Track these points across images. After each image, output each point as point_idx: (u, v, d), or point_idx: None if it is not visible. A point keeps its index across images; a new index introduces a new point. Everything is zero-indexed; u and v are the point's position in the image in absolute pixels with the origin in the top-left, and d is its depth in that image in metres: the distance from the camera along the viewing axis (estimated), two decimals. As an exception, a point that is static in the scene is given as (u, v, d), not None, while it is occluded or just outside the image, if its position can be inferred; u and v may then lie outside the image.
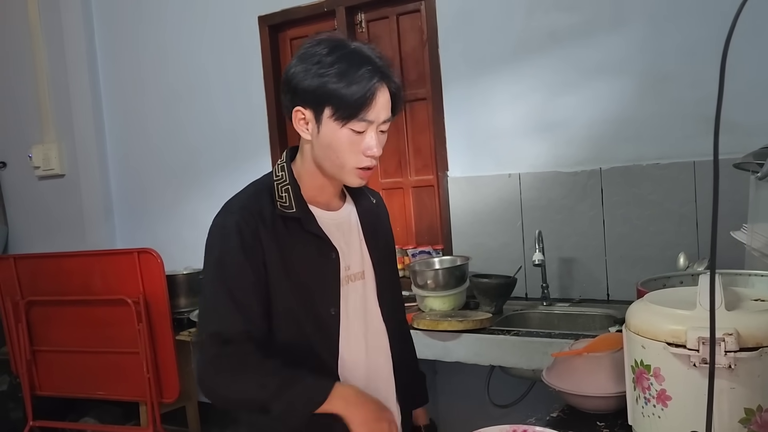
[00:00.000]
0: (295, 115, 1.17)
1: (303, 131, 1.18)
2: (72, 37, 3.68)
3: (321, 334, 1.22)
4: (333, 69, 1.13)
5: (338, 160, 1.17)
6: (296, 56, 1.18)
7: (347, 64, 1.13)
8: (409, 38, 2.90)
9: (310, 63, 1.14)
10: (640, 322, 1.01)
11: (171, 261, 3.16)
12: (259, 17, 3.17)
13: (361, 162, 1.17)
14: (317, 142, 1.18)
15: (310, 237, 1.22)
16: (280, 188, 1.21)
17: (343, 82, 1.12)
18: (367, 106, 1.13)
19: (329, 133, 1.15)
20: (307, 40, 1.19)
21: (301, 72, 1.15)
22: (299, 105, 1.16)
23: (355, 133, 1.15)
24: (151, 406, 2.95)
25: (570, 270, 2.49)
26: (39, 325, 3.20)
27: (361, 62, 1.14)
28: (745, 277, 1.43)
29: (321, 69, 1.13)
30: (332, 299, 1.23)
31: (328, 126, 1.15)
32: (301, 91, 1.15)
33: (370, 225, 1.34)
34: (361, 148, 1.16)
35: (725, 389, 0.90)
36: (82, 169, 3.73)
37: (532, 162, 2.54)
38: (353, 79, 1.12)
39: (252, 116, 3.24)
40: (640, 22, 2.30)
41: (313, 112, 1.16)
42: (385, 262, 1.37)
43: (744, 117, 2.04)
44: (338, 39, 1.19)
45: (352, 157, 1.17)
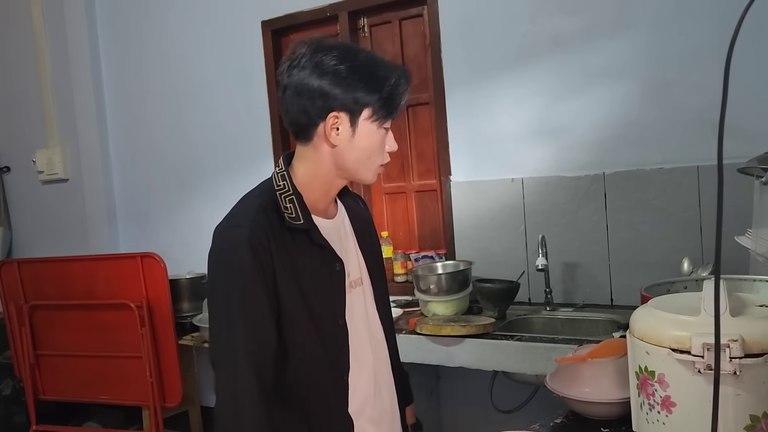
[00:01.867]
0: (330, 121, 1.16)
1: (333, 137, 1.17)
2: (75, 41, 3.69)
3: (331, 346, 1.22)
4: (371, 76, 1.16)
5: (369, 160, 1.21)
6: (308, 66, 1.15)
7: (382, 69, 1.18)
8: (412, 43, 2.90)
9: (337, 70, 1.14)
10: (644, 327, 1.01)
11: (174, 265, 3.17)
12: (262, 22, 3.18)
13: (385, 159, 1.24)
14: (348, 145, 1.18)
15: (315, 248, 1.21)
16: (285, 199, 1.19)
17: (384, 87, 1.17)
18: (401, 102, 1.20)
19: (366, 134, 1.18)
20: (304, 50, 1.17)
21: (332, 80, 1.14)
22: (336, 110, 1.16)
23: (385, 130, 1.21)
24: (153, 410, 2.95)
25: (573, 275, 2.48)
26: (42, 329, 3.20)
27: (391, 67, 1.20)
28: (749, 283, 1.42)
29: (356, 75, 1.15)
30: (339, 310, 1.23)
31: (365, 127, 1.18)
32: (339, 97, 1.15)
33: (361, 229, 1.34)
34: (386, 146, 1.23)
35: (730, 396, 0.90)
36: (85, 174, 3.74)
37: (535, 166, 2.53)
38: (392, 83, 1.17)
39: (255, 120, 3.24)
40: (643, 27, 2.30)
41: (350, 116, 1.17)
42: (377, 266, 1.38)
43: (748, 122, 2.03)
44: (342, 44, 1.23)
45: (380, 156, 1.22)
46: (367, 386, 1.26)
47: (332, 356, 1.21)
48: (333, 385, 1.21)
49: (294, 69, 1.16)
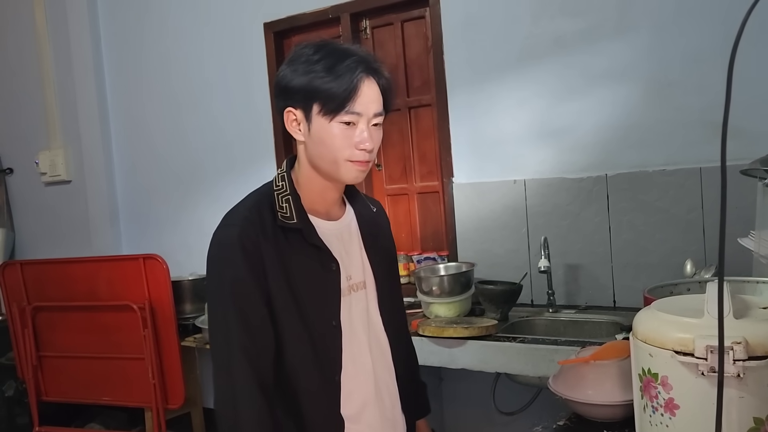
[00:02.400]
0: (287, 117, 1.18)
1: (296, 132, 1.19)
2: (79, 44, 3.70)
3: (322, 345, 1.21)
4: (318, 65, 1.13)
5: (331, 155, 1.16)
6: (285, 60, 1.20)
7: (332, 58, 1.14)
8: (414, 45, 2.90)
9: (297, 63, 1.16)
10: (647, 330, 1.00)
11: (176, 267, 3.17)
12: (264, 24, 3.18)
13: (354, 155, 1.16)
14: (310, 141, 1.18)
15: (310, 248, 1.20)
16: (281, 198, 1.21)
17: (329, 76, 1.12)
18: (354, 96, 1.13)
19: (320, 130, 1.15)
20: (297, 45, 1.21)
21: (289, 73, 1.16)
22: (290, 105, 1.17)
23: (346, 125, 1.14)
24: (156, 412, 2.95)
25: (576, 276, 2.48)
26: (45, 330, 3.20)
27: (345, 55, 1.14)
28: (752, 285, 1.42)
29: (307, 66, 1.14)
30: (333, 311, 1.22)
31: (318, 122, 1.15)
32: (290, 90, 1.16)
33: (370, 234, 1.32)
34: (354, 141, 1.15)
35: (734, 398, 0.89)
36: (88, 175, 3.75)
37: (538, 168, 2.53)
38: (338, 71, 1.12)
39: (257, 122, 3.25)
40: (645, 29, 2.30)
41: (303, 111, 1.16)
42: (386, 271, 1.36)
43: (751, 123, 2.03)
44: (325, 40, 1.21)
45: (344, 151, 1.15)
46: (365, 391, 1.25)
47: (323, 357, 1.20)
48: (324, 386, 1.20)
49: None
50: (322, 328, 1.21)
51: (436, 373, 2.65)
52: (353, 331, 1.25)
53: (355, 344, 1.25)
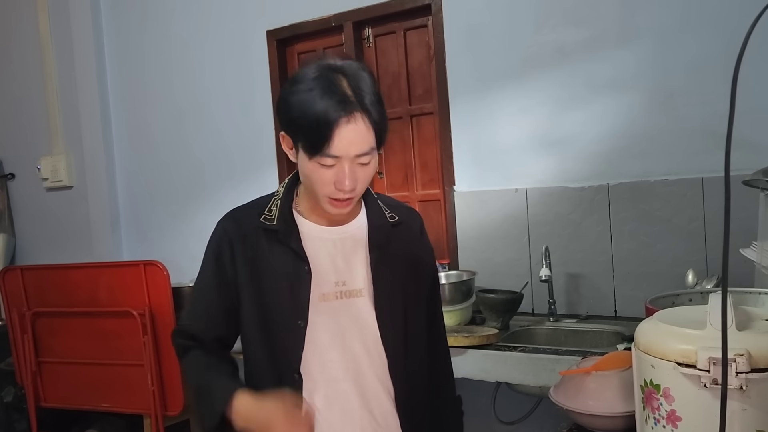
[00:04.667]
0: (282, 138, 1.21)
1: (289, 154, 1.21)
2: (81, 49, 3.71)
3: (283, 341, 1.24)
4: (305, 100, 1.11)
5: (312, 188, 1.19)
6: (290, 78, 1.21)
7: (317, 94, 1.10)
8: (417, 53, 2.91)
9: (294, 89, 1.15)
10: (649, 341, 1.00)
11: (177, 273, 3.16)
12: (267, 31, 3.19)
13: (334, 194, 1.16)
14: (299, 167, 1.20)
15: (286, 250, 1.24)
16: (273, 201, 1.29)
17: (308, 117, 1.10)
18: (329, 142, 1.10)
19: (303, 163, 1.16)
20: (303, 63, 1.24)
21: (286, 97, 1.16)
22: (283, 130, 1.20)
23: (324, 166, 1.13)
24: (155, 418, 2.93)
25: (577, 286, 2.47)
26: (44, 336, 3.20)
27: (329, 93, 1.10)
28: (755, 296, 1.41)
29: (298, 97, 1.13)
30: (301, 312, 1.23)
31: (302, 156, 1.16)
32: (281, 117, 1.19)
33: (378, 244, 1.28)
34: (332, 180, 1.14)
35: (736, 410, 0.89)
36: (89, 181, 3.75)
37: (539, 177, 2.53)
38: (317, 113, 1.09)
39: (259, 130, 3.25)
40: (648, 38, 2.30)
41: (292, 140, 1.18)
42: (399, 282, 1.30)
43: (753, 134, 2.03)
44: (325, 64, 1.14)
45: (324, 188, 1.16)
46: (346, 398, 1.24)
47: (280, 353, 1.24)
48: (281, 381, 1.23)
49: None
50: (286, 326, 1.23)
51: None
52: (336, 335, 1.24)
53: (337, 348, 1.24)
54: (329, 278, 1.25)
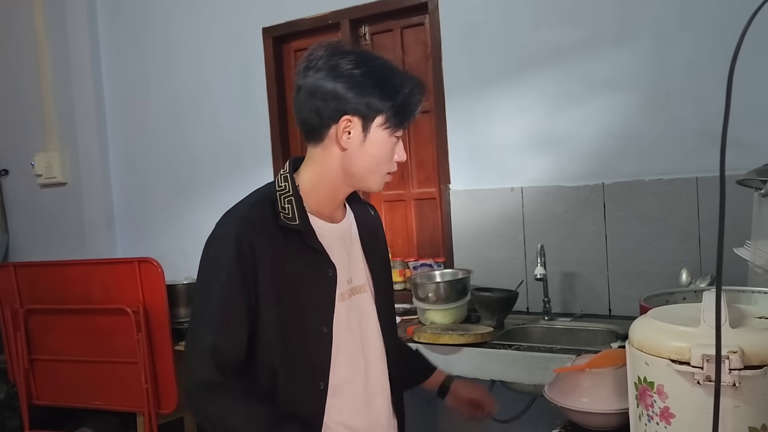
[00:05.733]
0: (343, 123, 1.17)
1: (344, 141, 1.18)
2: (77, 45, 3.70)
3: (308, 352, 1.20)
4: (386, 83, 1.17)
5: (377, 167, 1.22)
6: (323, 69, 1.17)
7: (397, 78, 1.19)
8: (413, 51, 2.91)
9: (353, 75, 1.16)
10: (643, 338, 1.00)
11: (172, 271, 3.15)
12: (263, 29, 3.18)
13: (393, 168, 1.24)
14: (358, 150, 1.19)
15: (309, 251, 1.20)
16: (283, 199, 1.20)
17: (398, 96, 1.17)
18: (414, 113, 1.21)
19: (377, 141, 1.19)
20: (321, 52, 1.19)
21: (346, 84, 1.16)
22: (349, 114, 1.17)
23: (396, 139, 1.22)
24: (148, 416, 2.93)
25: (572, 284, 2.48)
26: (37, 333, 3.18)
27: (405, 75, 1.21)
28: (748, 294, 1.42)
29: (371, 81, 1.16)
30: (326, 317, 1.21)
31: (377, 134, 1.19)
32: (353, 101, 1.16)
33: (368, 238, 1.33)
34: (394, 155, 1.23)
35: (729, 408, 0.89)
36: (84, 178, 3.74)
37: (535, 176, 2.53)
38: (406, 93, 1.18)
39: (255, 127, 3.25)
40: (644, 38, 2.31)
41: (362, 121, 1.18)
42: (383, 276, 1.36)
43: (748, 134, 2.04)
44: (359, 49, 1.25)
45: (388, 164, 1.23)
46: (354, 395, 1.25)
47: (307, 362, 1.20)
48: (306, 391, 1.20)
49: (310, 71, 1.18)
50: (311, 334, 1.20)
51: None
52: (350, 334, 1.25)
53: (345, 349, 1.24)
54: (344, 276, 1.25)
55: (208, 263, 1.19)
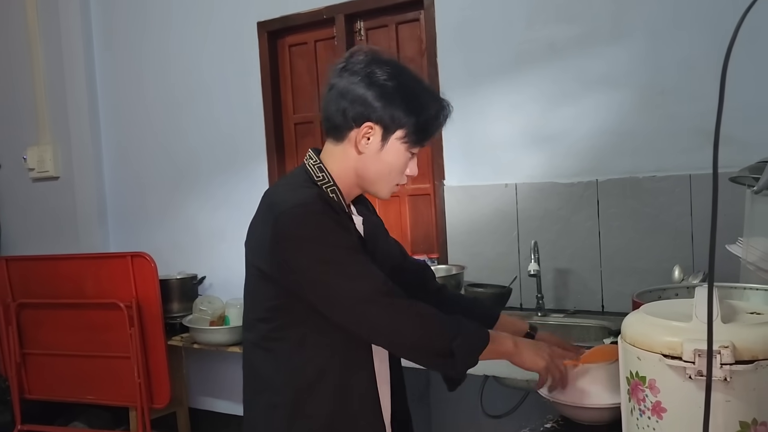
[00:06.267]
0: (363, 129, 1.21)
1: (362, 145, 1.23)
2: (69, 39, 3.68)
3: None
4: (413, 100, 1.21)
5: (388, 176, 1.26)
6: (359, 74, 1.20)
7: (426, 97, 1.23)
8: (408, 47, 2.91)
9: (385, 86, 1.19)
10: (636, 333, 1.01)
11: (165, 266, 3.15)
12: (258, 23, 3.17)
13: (403, 180, 1.29)
14: (374, 157, 1.23)
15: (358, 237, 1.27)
16: (327, 189, 1.25)
17: (423, 115, 1.22)
18: (433, 135, 1.27)
19: (393, 152, 1.23)
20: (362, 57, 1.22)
21: (377, 93, 1.20)
22: (372, 121, 1.21)
23: (411, 155, 1.26)
24: (141, 411, 2.93)
25: (565, 281, 2.49)
26: (30, 327, 3.17)
27: (434, 98, 1.26)
28: (740, 291, 1.43)
29: (399, 95, 1.20)
30: None
31: (394, 145, 1.23)
32: (379, 111, 1.20)
33: (371, 233, 1.36)
34: (407, 169, 1.27)
35: (720, 402, 0.90)
36: (77, 172, 3.72)
37: (529, 172, 2.54)
38: (431, 113, 1.23)
39: (249, 122, 3.23)
40: (639, 36, 2.31)
41: (383, 131, 1.22)
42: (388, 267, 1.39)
43: (741, 131, 2.05)
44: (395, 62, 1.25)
45: (400, 176, 1.27)
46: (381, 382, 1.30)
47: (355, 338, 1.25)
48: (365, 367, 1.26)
49: (345, 72, 1.22)
50: None
51: (424, 375, 2.65)
52: None
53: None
54: None
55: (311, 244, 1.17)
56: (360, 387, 1.25)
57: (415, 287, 1.49)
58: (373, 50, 1.26)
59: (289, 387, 1.23)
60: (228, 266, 3.21)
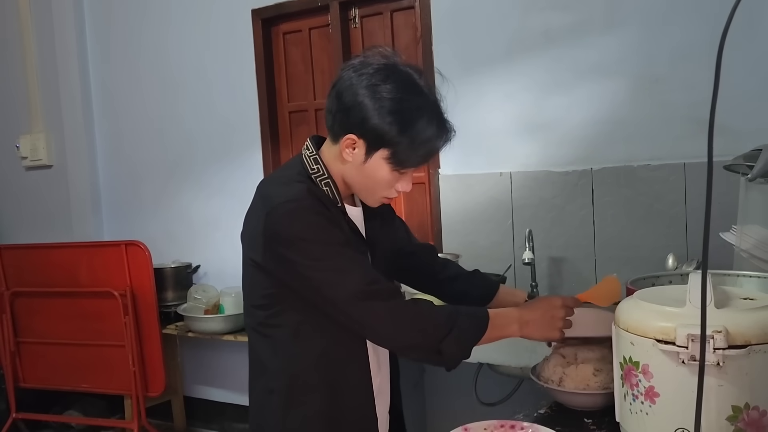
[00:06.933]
0: (346, 141, 1.18)
1: (346, 154, 1.19)
2: (62, 26, 3.64)
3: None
4: (408, 121, 1.14)
5: (372, 190, 1.23)
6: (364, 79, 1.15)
7: (424, 120, 1.16)
8: (403, 35, 2.89)
9: (382, 101, 1.14)
10: (629, 318, 1.01)
11: (159, 254, 3.14)
12: (252, 10, 3.15)
13: (391, 194, 1.24)
14: (357, 168, 1.20)
15: (355, 231, 1.26)
16: (321, 182, 1.22)
17: (415, 138, 1.16)
18: (422, 162, 1.21)
19: (375, 168, 1.18)
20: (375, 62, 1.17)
21: (371, 108, 1.14)
22: (355, 134, 1.17)
23: (401, 174, 1.21)
24: (136, 399, 2.93)
25: (559, 269, 2.49)
26: (24, 316, 3.16)
27: (435, 121, 1.18)
28: (733, 278, 1.44)
29: (394, 114, 1.14)
30: None
31: (378, 163, 1.18)
32: (365, 124, 1.15)
33: (375, 224, 1.35)
34: (395, 185, 1.22)
35: (713, 387, 0.90)
36: (70, 160, 3.69)
37: (524, 161, 2.54)
38: (425, 137, 1.17)
39: (244, 110, 3.22)
40: (633, 24, 2.31)
41: (367, 146, 1.17)
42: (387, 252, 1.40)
43: (735, 120, 2.05)
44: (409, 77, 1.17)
45: (385, 190, 1.22)
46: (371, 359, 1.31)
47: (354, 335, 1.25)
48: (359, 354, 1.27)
49: (353, 73, 1.17)
50: None
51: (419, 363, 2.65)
52: None
53: None
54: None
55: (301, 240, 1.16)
56: (354, 377, 1.25)
57: (421, 267, 1.51)
58: (392, 59, 1.19)
59: (285, 373, 1.23)
60: (222, 255, 3.20)
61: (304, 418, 1.23)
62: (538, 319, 1.23)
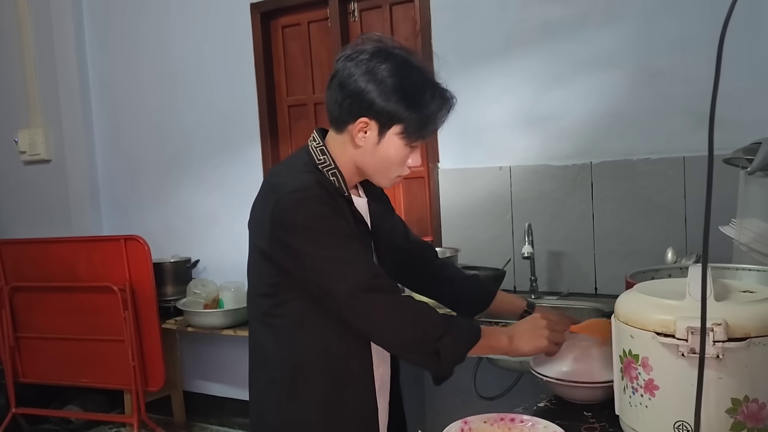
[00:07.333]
0: (359, 125, 1.21)
1: (359, 139, 1.22)
2: (60, 20, 3.62)
3: None
4: (413, 96, 1.18)
5: (387, 170, 1.25)
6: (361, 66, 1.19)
7: (428, 93, 1.20)
8: (402, 28, 2.88)
9: (385, 81, 1.17)
10: (629, 311, 1.01)
11: (158, 249, 3.14)
12: (251, 4, 3.13)
13: (404, 171, 1.27)
14: (371, 150, 1.22)
15: (360, 221, 1.28)
16: (328, 172, 1.24)
17: (423, 111, 1.20)
18: (435, 128, 1.25)
19: (389, 147, 1.21)
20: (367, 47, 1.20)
21: (375, 89, 1.18)
22: (367, 117, 1.20)
23: (411, 148, 1.23)
24: (135, 394, 2.93)
25: (559, 263, 2.49)
26: (23, 311, 3.16)
27: (438, 93, 1.22)
28: (732, 271, 1.44)
29: (400, 92, 1.17)
30: None
31: (392, 141, 1.21)
32: (375, 105, 1.18)
33: (377, 216, 1.36)
34: (408, 161, 1.25)
35: (713, 379, 0.90)
36: (68, 155, 3.69)
37: (523, 155, 2.54)
38: (432, 109, 1.21)
39: (243, 104, 3.21)
40: (632, 17, 2.30)
41: (379, 126, 1.20)
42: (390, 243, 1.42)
43: (734, 113, 2.05)
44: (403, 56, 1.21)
45: (399, 168, 1.25)
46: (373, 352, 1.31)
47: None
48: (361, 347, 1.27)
49: (350, 62, 1.20)
50: None
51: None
52: None
53: None
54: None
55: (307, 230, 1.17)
56: (355, 370, 1.26)
57: (419, 265, 1.51)
58: (382, 41, 1.23)
59: (288, 363, 1.24)
60: (222, 250, 3.20)
61: (306, 409, 1.23)
62: (525, 332, 1.28)
